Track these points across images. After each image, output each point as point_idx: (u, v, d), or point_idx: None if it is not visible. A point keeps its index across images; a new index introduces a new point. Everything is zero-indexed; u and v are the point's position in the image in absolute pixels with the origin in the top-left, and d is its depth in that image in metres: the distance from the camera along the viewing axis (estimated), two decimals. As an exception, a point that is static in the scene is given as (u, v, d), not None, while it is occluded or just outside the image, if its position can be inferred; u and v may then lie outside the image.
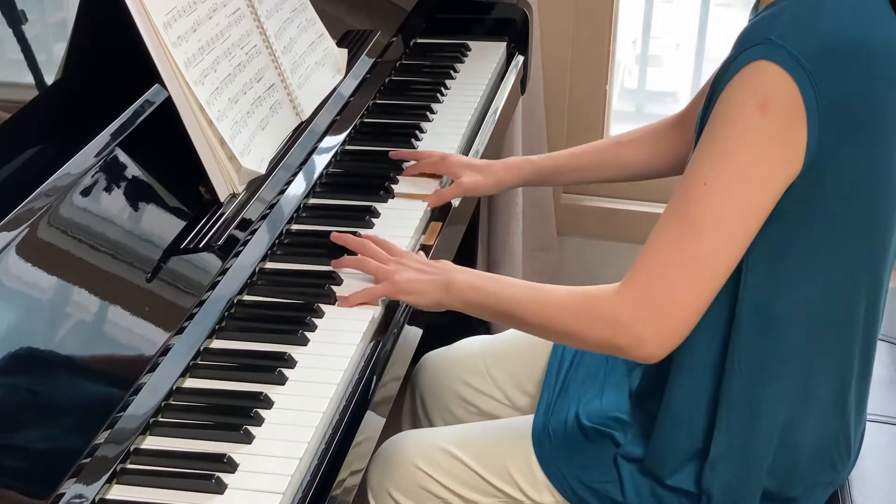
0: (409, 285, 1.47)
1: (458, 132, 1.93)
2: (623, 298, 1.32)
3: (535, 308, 1.40)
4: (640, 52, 3.04)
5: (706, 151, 1.29)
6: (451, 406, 1.78)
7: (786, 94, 1.24)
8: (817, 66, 1.24)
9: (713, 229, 1.28)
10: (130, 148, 1.42)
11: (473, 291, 1.45)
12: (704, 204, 1.27)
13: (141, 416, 1.24)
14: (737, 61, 1.27)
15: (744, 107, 1.25)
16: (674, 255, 1.29)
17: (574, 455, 1.52)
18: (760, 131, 1.25)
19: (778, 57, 1.24)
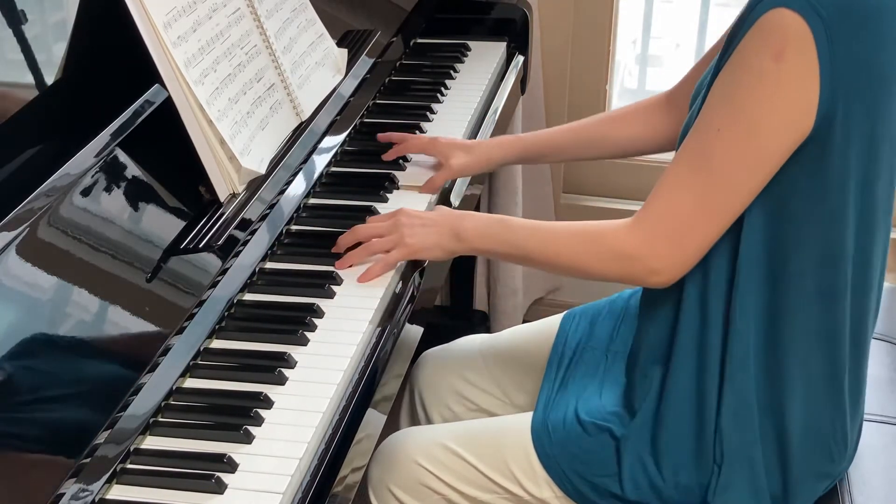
0: (420, 243, 1.51)
1: (459, 132, 1.93)
2: (634, 233, 1.38)
3: (544, 247, 1.45)
4: (640, 52, 3.04)
5: (720, 98, 1.31)
6: (450, 403, 1.78)
7: (801, 42, 1.25)
8: (835, 18, 1.25)
9: (725, 173, 1.31)
10: (130, 148, 1.42)
11: (483, 238, 1.50)
12: (718, 149, 1.31)
13: (141, 416, 1.24)
14: (754, 11, 1.28)
15: (760, 55, 1.27)
16: (685, 195, 1.34)
17: (573, 450, 1.52)
18: (776, 80, 1.27)
19: (796, 4, 1.25)
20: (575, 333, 1.71)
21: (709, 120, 1.32)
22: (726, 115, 1.31)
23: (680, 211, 1.35)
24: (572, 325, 1.73)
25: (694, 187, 1.34)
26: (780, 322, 1.41)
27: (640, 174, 2.69)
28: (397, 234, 1.52)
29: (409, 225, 1.52)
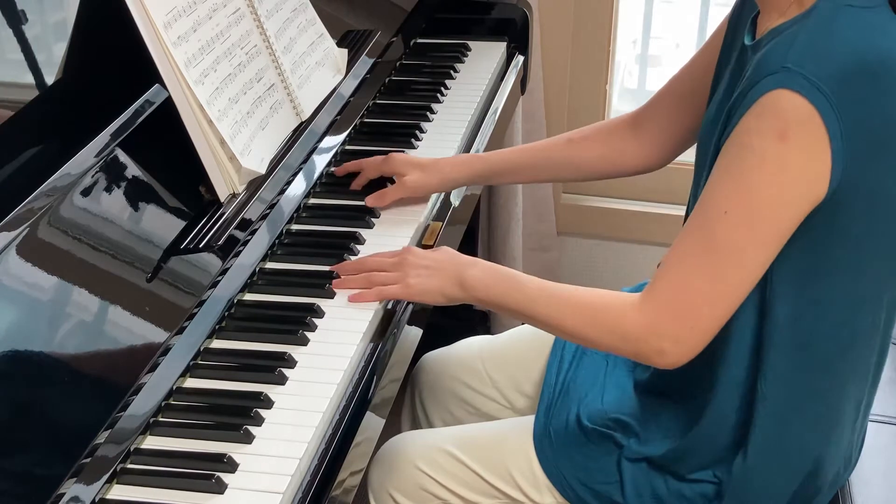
0: (421, 286, 1.47)
1: (458, 132, 1.93)
2: (642, 316, 1.34)
3: (550, 313, 1.42)
4: (640, 52, 3.04)
5: (724, 180, 1.29)
6: (451, 407, 1.78)
7: (806, 122, 1.23)
8: (837, 90, 1.22)
9: (734, 255, 1.29)
10: (130, 148, 1.42)
11: (486, 290, 1.46)
12: (725, 232, 1.28)
13: (141, 416, 1.24)
14: (753, 90, 1.26)
15: (763, 137, 1.24)
16: (693, 278, 1.31)
17: (575, 456, 1.52)
18: (781, 160, 1.24)
19: (796, 84, 1.23)
20: None
21: (713, 201, 1.30)
22: (731, 196, 1.28)
23: (688, 292, 1.31)
24: None
25: (702, 268, 1.30)
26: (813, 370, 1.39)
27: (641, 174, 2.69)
28: (401, 273, 1.49)
29: (414, 266, 1.49)
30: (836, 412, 1.42)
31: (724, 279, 1.30)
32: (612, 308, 1.37)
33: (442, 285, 1.47)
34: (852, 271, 1.34)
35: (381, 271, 1.50)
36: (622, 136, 1.70)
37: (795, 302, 1.35)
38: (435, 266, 1.48)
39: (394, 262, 1.51)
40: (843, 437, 1.45)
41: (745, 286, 1.31)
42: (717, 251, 1.29)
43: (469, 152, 1.92)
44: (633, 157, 1.70)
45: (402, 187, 1.69)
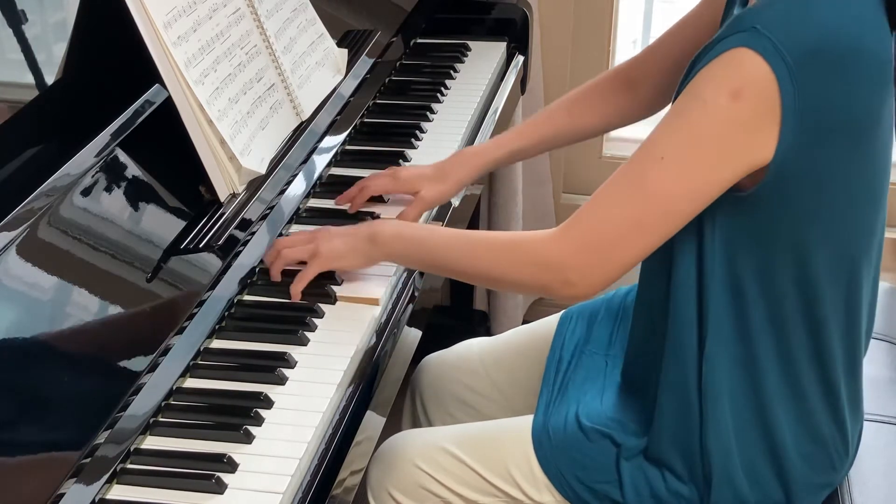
0: (334, 251, 1.48)
1: (458, 132, 1.93)
2: (557, 244, 1.36)
3: (462, 251, 1.43)
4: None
5: (670, 126, 1.30)
6: (451, 409, 1.77)
7: (762, 86, 1.23)
8: (801, 64, 1.23)
9: (661, 202, 1.30)
10: (130, 148, 1.42)
11: (399, 241, 1.47)
12: (657, 177, 1.29)
13: (141, 416, 1.24)
14: (719, 45, 1.26)
15: (717, 91, 1.25)
16: (617, 217, 1.32)
17: (574, 455, 1.52)
18: (728, 117, 1.25)
19: (761, 47, 1.23)
20: (572, 335, 1.70)
21: (654, 143, 1.31)
22: (672, 144, 1.29)
23: (610, 227, 1.32)
24: (569, 326, 1.72)
25: (629, 207, 1.31)
26: (754, 344, 1.39)
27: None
28: (312, 245, 1.49)
29: (324, 237, 1.49)
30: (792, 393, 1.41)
31: (645, 223, 1.31)
32: (526, 240, 1.40)
33: (354, 245, 1.48)
34: (797, 248, 1.34)
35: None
36: (619, 96, 1.72)
37: (737, 273, 1.36)
38: (345, 232, 1.50)
39: (305, 237, 1.52)
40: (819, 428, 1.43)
41: (663, 235, 1.32)
42: (644, 195, 1.30)
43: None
44: (633, 112, 1.73)
45: (422, 203, 1.67)
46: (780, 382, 1.41)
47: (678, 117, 1.29)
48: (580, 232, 1.35)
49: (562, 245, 1.35)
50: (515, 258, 1.39)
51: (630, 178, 1.32)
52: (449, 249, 1.44)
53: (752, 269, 1.36)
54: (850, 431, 1.47)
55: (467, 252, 1.43)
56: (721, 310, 1.38)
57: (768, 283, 1.36)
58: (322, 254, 1.48)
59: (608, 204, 1.34)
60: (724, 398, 1.41)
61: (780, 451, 1.43)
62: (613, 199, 1.33)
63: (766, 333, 1.39)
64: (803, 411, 1.43)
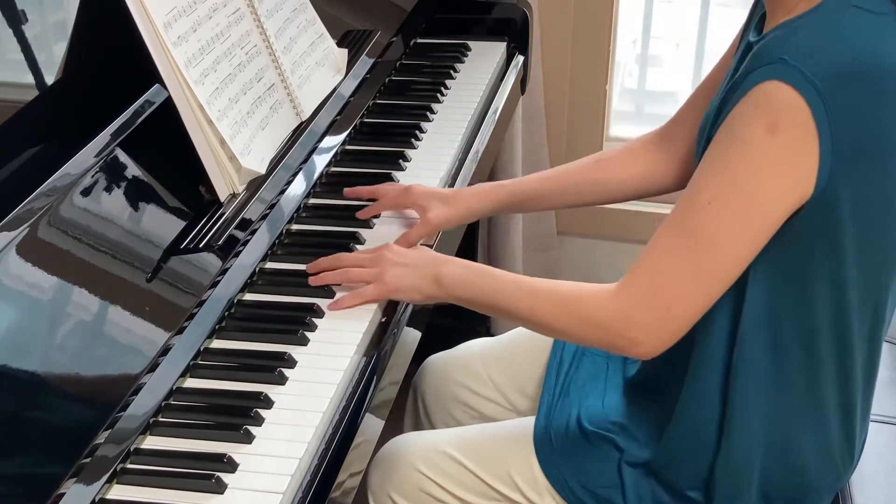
0: (398, 283, 1.47)
1: (458, 132, 1.93)
2: (617, 304, 1.33)
3: (524, 305, 1.41)
4: (640, 52, 3.04)
5: (711, 169, 1.27)
6: (453, 410, 1.77)
7: (797, 116, 1.21)
8: (831, 89, 1.21)
9: (715, 248, 1.27)
10: (130, 148, 1.42)
11: (463, 287, 1.45)
12: (707, 222, 1.26)
13: (141, 416, 1.24)
14: (748, 79, 1.24)
15: (753, 127, 1.23)
16: (672, 269, 1.29)
17: (576, 459, 1.51)
18: (769, 153, 1.23)
19: (791, 78, 1.21)
20: None
21: (698, 190, 1.28)
22: (717, 187, 1.26)
23: (666, 282, 1.29)
24: None
25: (682, 258, 1.28)
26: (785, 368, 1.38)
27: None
28: (378, 269, 1.47)
29: (391, 262, 1.48)
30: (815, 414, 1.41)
31: (702, 272, 1.28)
32: (586, 297, 1.36)
33: (418, 283, 1.46)
34: (835, 277, 1.32)
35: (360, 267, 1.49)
36: (652, 153, 1.66)
37: (774, 302, 1.34)
38: (412, 263, 1.48)
39: (370, 258, 1.50)
40: (830, 439, 1.43)
41: (723, 281, 1.29)
42: (697, 243, 1.27)
43: (469, 152, 1.92)
44: (665, 174, 1.66)
45: (427, 225, 1.63)
46: (805, 404, 1.40)
47: (718, 160, 1.27)
48: (637, 289, 1.31)
49: (620, 304, 1.32)
50: (573, 314, 1.36)
51: (679, 227, 1.29)
52: (511, 299, 1.41)
53: (790, 296, 1.34)
54: (857, 438, 1.46)
55: (529, 304, 1.40)
56: (755, 336, 1.35)
57: (805, 310, 1.34)
58: (387, 283, 1.47)
59: (661, 257, 1.30)
60: (749, 418, 1.39)
61: (795, 469, 1.43)
62: (666, 251, 1.30)
63: (797, 357, 1.37)
64: (821, 430, 1.42)
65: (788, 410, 1.40)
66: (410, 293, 1.48)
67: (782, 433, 1.41)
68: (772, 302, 1.34)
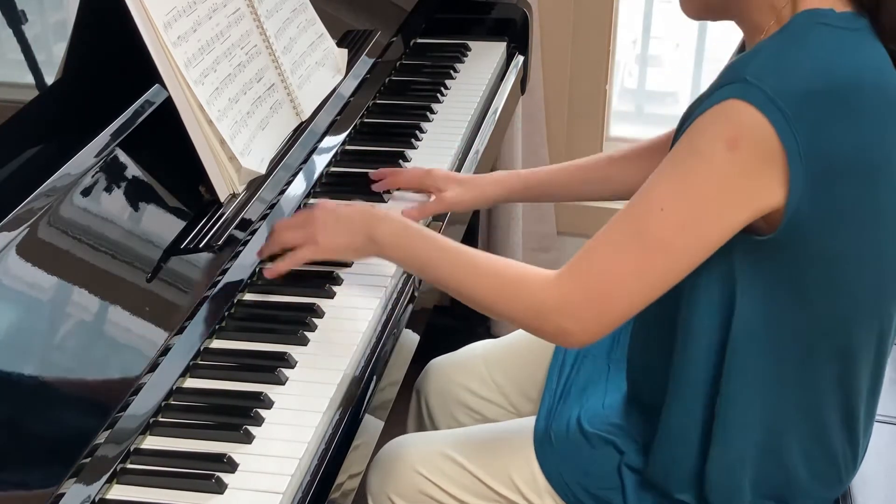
0: (331, 242, 1.46)
1: (458, 132, 1.93)
2: (555, 291, 1.32)
3: (460, 276, 1.39)
4: (640, 52, 3.05)
5: (668, 176, 1.26)
6: (456, 413, 1.76)
7: (759, 135, 1.20)
8: (797, 108, 1.20)
9: (663, 253, 1.27)
10: (130, 148, 1.42)
11: (397, 249, 1.44)
12: (657, 227, 1.26)
13: (141, 416, 1.24)
14: (711, 97, 1.23)
15: (712, 142, 1.22)
16: (615, 264, 1.29)
17: (577, 461, 1.51)
18: (727, 168, 1.22)
19: (753, 98, 1.20)
20: None
21: (652, 194, 1.27)
22: (671, 195, 1.25)
23: (609, 279, 1.29)
24: None
25: (629, 257, 1.28)
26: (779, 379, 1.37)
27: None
28: (310, 230, 1.47)
29: (322, 221, 1.47)
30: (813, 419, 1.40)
31: (647, 273, 1.28)
32: (525, 279, 1.34)
33: (352, 239, 1.46)
34: (823, 286, 1.31)
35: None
36: (657, 155, 1.63)
37: (769, 312, 1.33)
38: (345, 219, 1.47)
39: (302, 218, 1.49)
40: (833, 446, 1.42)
41: (667, 284, 1.29)
42: (646, 245, 1.27)
43: (469, 152, 1.92)
44: None
45: (441, 202, 1.68)
46: (802, 410, 1.39)
47: (675, 168, 1.26)
48: (579, 280, 1.31)
49: (560, 292, 1.31)
50: (512, 294, 1.35)
51: (630, 227, 1.29)
52: (446, 267, 1.40)
53: (787, 308, 1.33)
54: (860, 443, 1.46)
55: (464, 276, 1.39)
56: (747, 345, 1.35)
57: (801, 322, 1.33)
58: (319, 243, 1.47)
59: (608, 252, 1.29)
60: (742, 423, 1.38)
61: (791, 473, 1.42)
62: (613, 248, 1.29)
63: (793, 366, 1.36)
64: (820, 435, 1.41)
65: (783, 415, 1.39)
66: (345, 252, 1.47)
67: (776, 438, 1.40)
68: (768, 312, 1.33)
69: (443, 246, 1.42)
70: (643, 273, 1.28)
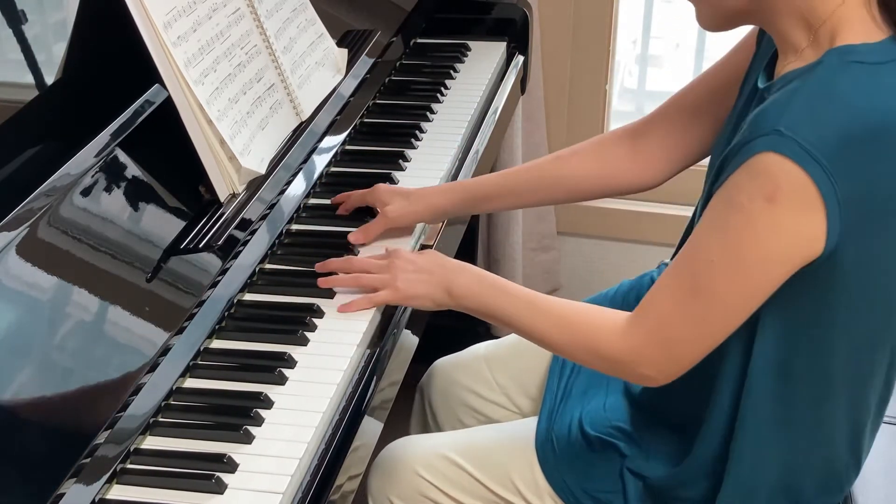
0: (411, 290, 1.46)
1: (458, 132, 1.93)
2: (625, 342, 1.33)
3: (535, 324, 1.41)
4: (640, 52, 3.04)
5: (711, 230, 1.26)
6: (460, 414, 1.76)
7: (796, 186, 1.19)
8: (833, 156, 1.18)
9: (717, 302, 1.27)
10: (130, 148, 1.42)
11: (473, 298, 1.45)
12: (710, 278, 1.26)
13: (141, 416, 1.24)
14: (745, 149, 1.22)
15: (751, 197, 1.21)
16: (677, 318, 1.30)
17: (578, 464, 1.51)
18: (769, 221, 1.21)
19: (787, 150, 1.18)
20: None
21: (700, 247, 1.27)
22: (718, 247, 1.25)
23: (672, 329, 1.30)
24: None
25: (686, 310, 1.29)
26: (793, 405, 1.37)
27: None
28: (389, 276, 1.47)
29: (402, 269, 1.47)
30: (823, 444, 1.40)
31: (706, 323, 1.29)
32: (597, 329, 1.36)
33: (430, 291, 1.46)
34: (848, 326, 1.31)
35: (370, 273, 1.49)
36: (617, 150, 1.63)
37: (785, 348, 1.33)
38: (424, 270, 1.47)
39: (382, 264, 1.49)
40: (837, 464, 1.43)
41: (727, 328, 1.30)
42: (700, 297, 1.27)
43: (469, 152, 1.92)
44: (628, 174, 1.63)
45: (384, 218, 1.63)
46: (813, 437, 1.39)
47: (718, 224, 1.26)
48: (645, 331, 1.32)
49: (629, 344, 1.33)
50: (583, 343, 1.37)
51: (682, 275, 1.29)
52: (522, 317, 1.41)
53: (804, 344, 1.33)
54: (863, 456, 1.46)
55: (540, 324, 1.40)
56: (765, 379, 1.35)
57: (819, 356, 1.33)
58: (398, 288, 1.46)
59: (668, 304, 1.30)
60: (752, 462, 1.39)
61: (800, 491, 1.43)
62: (670, 296, 1.30)
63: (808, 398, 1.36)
64: (828, 456, 1.42)
65: (796, 444, 1.39)
66: (423, 301, 1.47)
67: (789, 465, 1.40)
68: (784, 348, 1.33)
69: (517, 295, 1.43)
70: (702, 322, 1.29)
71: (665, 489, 1.46)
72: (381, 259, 1.51)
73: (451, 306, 1.47)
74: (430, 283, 1.46)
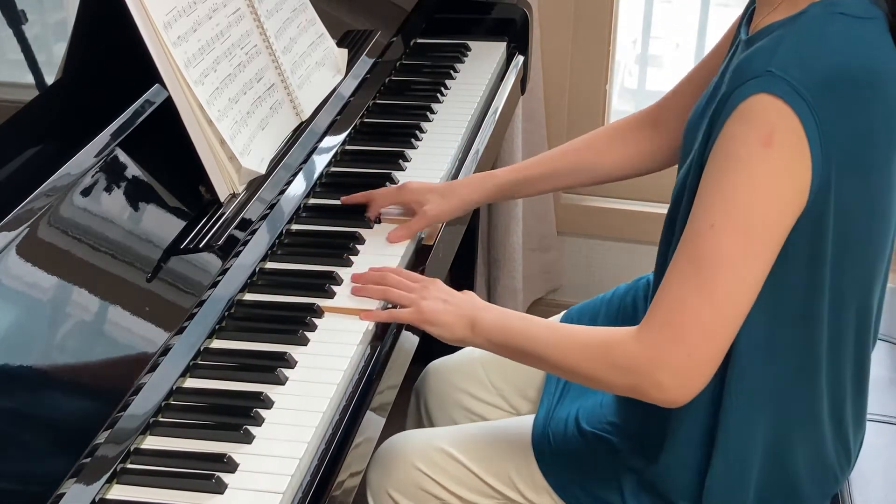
0: (434, 316, 1.45)
1: (458, 132, 1.93)
2: (641, 345, 1.30)
3: (558, 352, 1.38)
4: (640, 52, 3.04)
5: (710, 191, 1.26)
6: (456, 416, 1.77)
7: (789, 127, 1.20)
8: (819, 97, 1.20)
9: (722, 271, 1.25)
10: (130, 148, 1.42)
11: (498, 332, 1.43)
12: (712, 246, 1.24)
13: (141, 416, 1.24)
14: (735, 94, 1.23)
15: (747, 143, 1.22)
16: (687, 301, 1.27)
17: (575, 460, 1.51)
18: (766, 166, 1.21)
19: (779, 89, 1.20)
20: None
21: (701, 215, 1.26)
22: (717, 208, 1.24)
23: (683, 313, 1.27)
24: None
25: (691, 286, 1.26)
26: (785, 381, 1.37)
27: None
28: (417, 296, 1.47)
29: (433, 296, 1.47)
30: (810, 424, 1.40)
31: (716, 296, 1.25)
32: (613, 342, 1.34)
33: (453, 322, 1.45)
34: (816, 288, 1.32)
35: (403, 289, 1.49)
36: (641, 136, 1.68)
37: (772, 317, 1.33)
38: (453, 303, 1.46)
39: (415, 286, 1.49)
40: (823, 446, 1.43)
41: (740, 304, 1.26)
42: (703, 268, 1.25)
43: (469, 152, 1.92)
44: (654, 156, 1.68)
45: (424, 218, 1.64)
46: (801, 415, 1.39)
47: (716, 182, 1.25)
48: (656, 325, 1.29)
49: (643, 342, 1.29)
50: (606, 362, 1.33)
51: (685, 256, 1.27)
52: (543, 345, 1.39)
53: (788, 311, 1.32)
54: (852, 443, 1.46)
55: (562, 354, 1.38)
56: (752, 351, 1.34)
57: (805, 310, 1.33)
58: (423, 311, 1.46)
59: (675, 288, 1.28)
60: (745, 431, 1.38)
61: (791, 478, 1.43)
62: (678, 281, 1.28)
63: (793, 370, 1.36)
64: (816, 439, 1.42)
65: (784, 421, 1.39)
66: (442, 329, 1.46)
67: (778, 444, 1.40)
68: (770, 318, 1.33)
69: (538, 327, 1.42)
70: (710, 297, 1.25)
71: (659, 481, 1.46)
72: (417, 281, 1.51)
73: (472, 342, 1.46)
74: (455, 314, 1.45)
